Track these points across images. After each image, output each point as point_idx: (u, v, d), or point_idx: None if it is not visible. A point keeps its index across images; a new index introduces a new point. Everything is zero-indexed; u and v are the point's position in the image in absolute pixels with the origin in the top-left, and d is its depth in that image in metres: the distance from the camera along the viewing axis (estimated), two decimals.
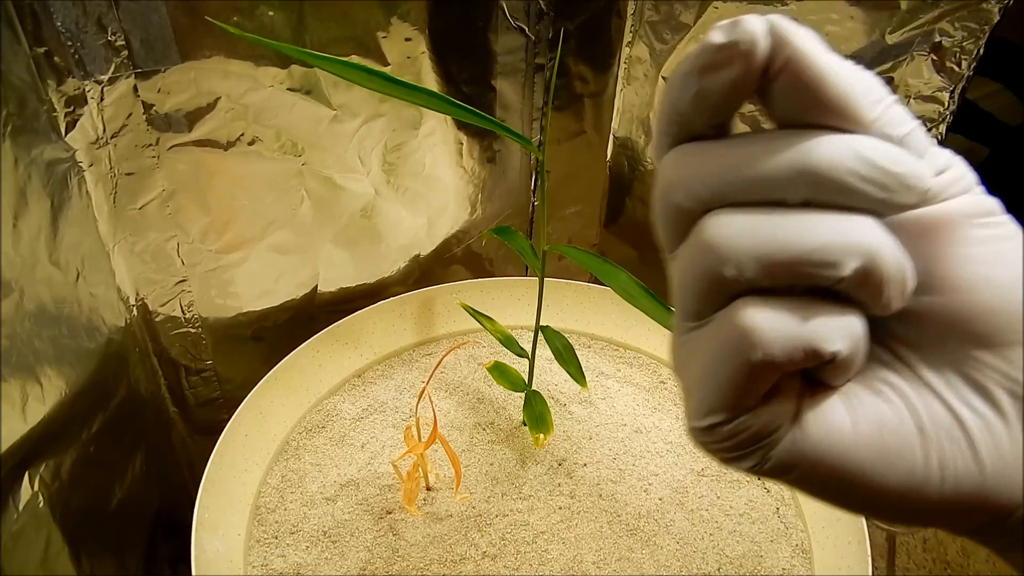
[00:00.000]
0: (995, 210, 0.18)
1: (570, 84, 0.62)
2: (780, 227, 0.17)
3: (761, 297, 0.17)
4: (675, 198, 0.18)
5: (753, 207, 0.17)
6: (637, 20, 0.61)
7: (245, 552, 0.43)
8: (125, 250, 0.48)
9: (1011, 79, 0.99)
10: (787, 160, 0.17)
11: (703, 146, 0.18)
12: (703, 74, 0.17)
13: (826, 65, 0.17)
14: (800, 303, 0.17)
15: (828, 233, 0.16)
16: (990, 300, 0.17)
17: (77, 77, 0.41)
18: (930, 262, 0.18)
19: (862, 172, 0.16)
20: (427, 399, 0.48)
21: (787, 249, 0.16)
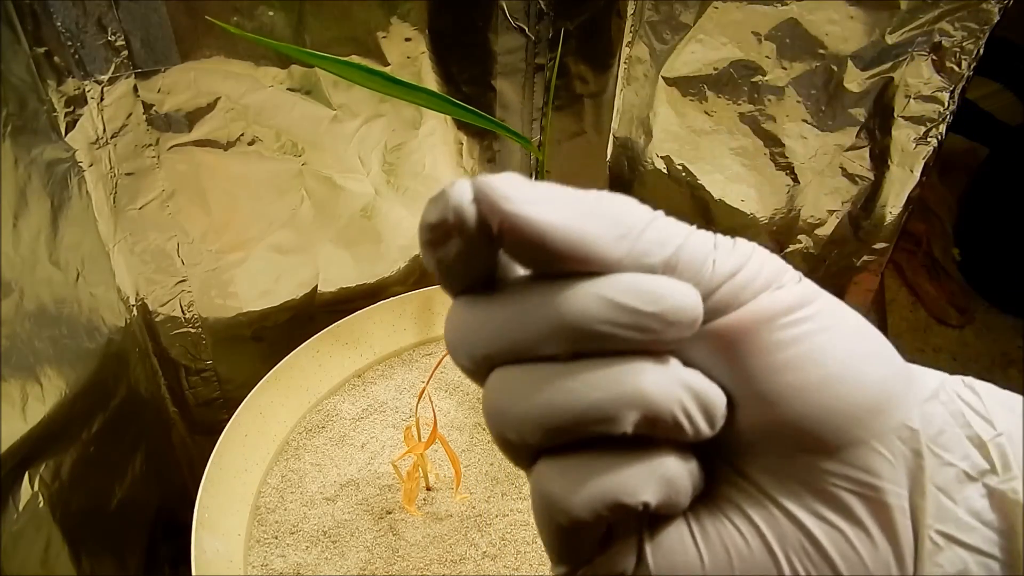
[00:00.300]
0: (800, 302, 0.17)
1: (570, 84, 0.62)
2: (552, 388, 0.16)
3: (557, 458, 0.16)
4: (459, 360, 0.17)
5: (528, 363, 0.16)
6: (637, 20, 0.61)
7: (245, 552, 0.43)
8: (125, 250, 0.48)
9: (1011, 79, 0.99)
10: (541, 318, 0.16)
11: (471, 306, 0.17)
12: (432, 248, 0.16)
13: (546, 218, 0.15)
14: (600, 455, 0.16)
15: (599, 389, 0.16)
16: (806, 409, 0.16)
17: (77, 77, 0.41)
18: (739, 376, 0.16)
19: (614, 319, 0.15)
20: (427, 399, 0.48)
21: (562, 411, 0.16)
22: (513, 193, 0.15)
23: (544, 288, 0.16)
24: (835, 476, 0.16)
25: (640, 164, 0.68)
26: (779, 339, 0.16)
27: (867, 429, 0.16)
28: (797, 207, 0.60)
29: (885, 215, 0.57)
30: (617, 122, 0.68)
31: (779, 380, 0.16)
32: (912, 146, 0.53)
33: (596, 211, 0.16)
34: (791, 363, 0.16)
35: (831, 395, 0.16)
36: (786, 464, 0.17)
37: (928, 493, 0.17)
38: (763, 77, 0.56)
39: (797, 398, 0.16)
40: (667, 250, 0.16)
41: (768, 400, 0.16)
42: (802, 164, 0.57)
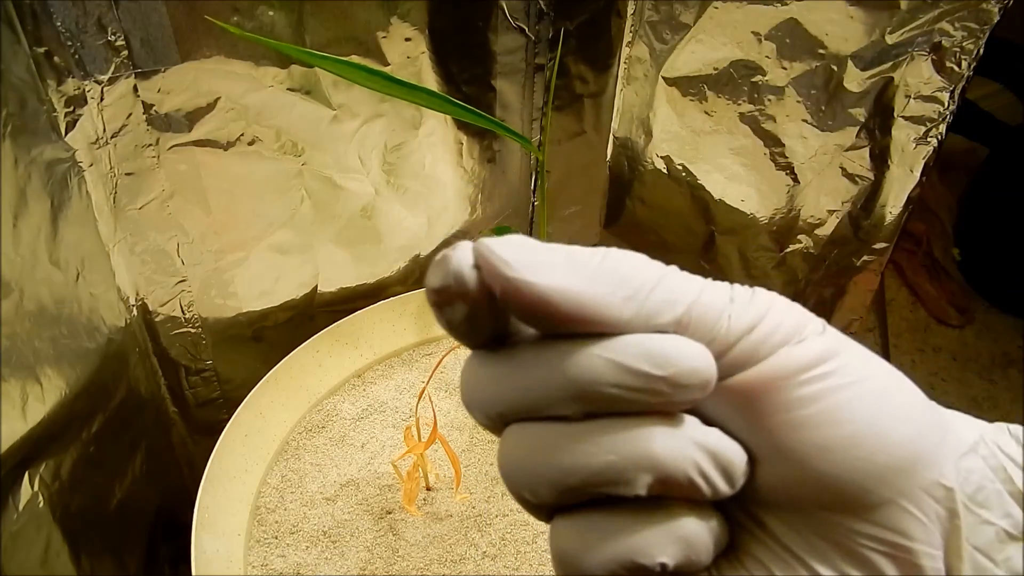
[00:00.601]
0: (823, 356, 0.16)
1: (570, 84, 0.62)
2: (563, 450, 0.16)
3: (573, 517, 0.16)
4: (475, 416, 0.17)
5: (542, 421, 0.16)
6: (637, 20, 0.61)
7: (245, 552, 0.43)
8: (125, 250, 0.48)
9: (1011, 79, 0.99)
10: (552, 381, 0.16)
11: (484, 363, 0.17)
12: (439, 310, 0.16)
13: (548, 283, 0.15)
14: (617, 514, 0.16)
15: (610, 452, 0.15)
16: (831, 468, 0.16)
17: (77, 77, 0.41)
18: (760, 433, 0.16)
19: (624, 382, 0.15)
20: (427, 399, 0.48)
21: (574, 473, 0.16)
22: (514, 258, 0.15)
23: (554, 349, 0.16)
24: (863, 536, 0.16)
25: (640, 164, 0.68)
26: (801, 395, 0.16)
27: (895, 488, 0.16)
28: (797, 207, 0.59)
29: (885, 215, 0.57)
30: (617, 122, 0.68)
31: (802, 438, 0.16)
32: (912, 146, 0.53)
33: (601, 273, 0.16)
34: (814, 420, 0.16)
35: (856, 454, 0.16)
36: (813, 521, 0.16)
37: (965, 554, 0.16)
38: (763, 77, 0.56)
39: (820, 457, 0.16)
40: (678, 309, 0.16)
41: (791, 458, 0.16)
42: (802, 164, 0.57)
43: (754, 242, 0.63)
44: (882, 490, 0.16)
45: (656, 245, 0.71)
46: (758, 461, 0.16)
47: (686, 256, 0.69)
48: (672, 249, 0.70)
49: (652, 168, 0.67)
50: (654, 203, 0.69)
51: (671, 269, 0.16)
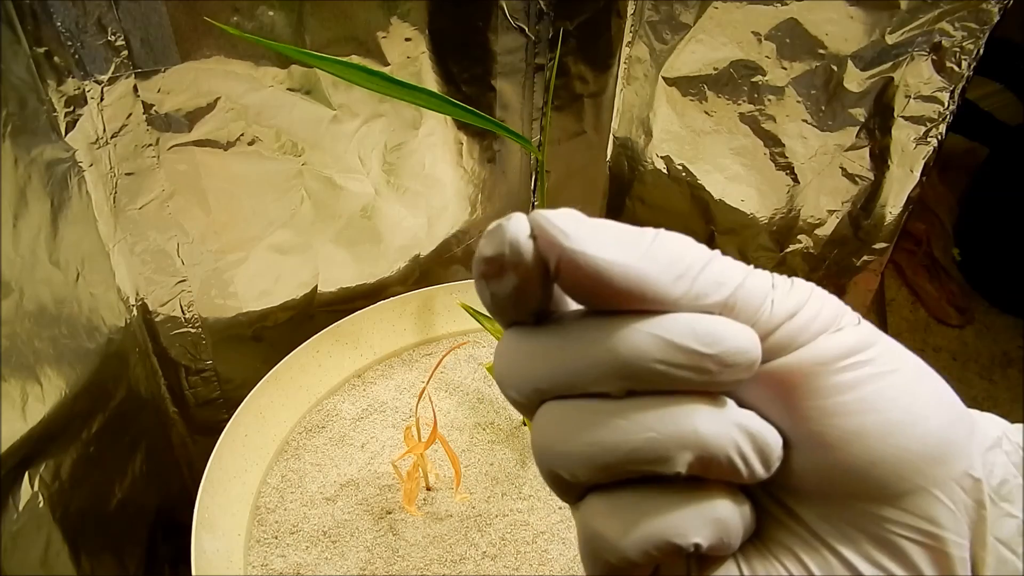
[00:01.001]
0: (860, 345, 0.16)
1: (570, 84, 0.62)
2: (603, 426, 0.16)
3: (607, 495, 0.16)
4: (509, 394, 0.17)
5: (580, 398, 0.16)
6: (637, 20, 0.61)
7: (245, 552, 0.43)
8: (125, 250, 0.48)
9: (1011, 79, 0.99)
10: (596, 356, 0.16)
11: (524, 339, 0.17)
12: (486, 282, 0.16)
13: (605, 257, 0.15)
14: (652, 494, 0.16)
15: (652, 429, 0.15)
16: (866, 455, 0.16)
17: (77, 77, 0.41)
18: (796, 419, 0.16)
19: (671, 359, 0.15)
20: (427, 399, 0.48)
21: (614, 450, 0.16)
22: (573, 230, 0.15)
23: (599, 325, 0.16)
24: (894, 523, 0.16)
25: (640, 164, 0.68)
26: (838, 383, 0.16)
27: (928, 477, 0.16)
28: (797, 207, 0.60)
29: (885, 215, 0.57)
30: (617, 122, 0.68)
31: (838, 425, 0.16)
32: (912, 146, 0.53)
33: (654, 251, 0.16)
34: (850, 408, 0.16)
35: (891, 442, 0.16)
36: (843, 509, 0.16)
37: (989, 545, 0.16)
38: (763, 77, 0.56)
39: (856, 444, 0.16)
40: (725, 291, 0.16)
41: (826, 445, 0.16)
42: (802, 164, 0.57)
43: (754, 242, 0.63)
44: (915, 478, 0.16)
45: None
46: (791, 447, 0.16)
47: None
48: None
49: (652, 168, 0.67)
50: (654, 203, 0.69)
51: (716, 253, 0.17)
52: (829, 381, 0.16)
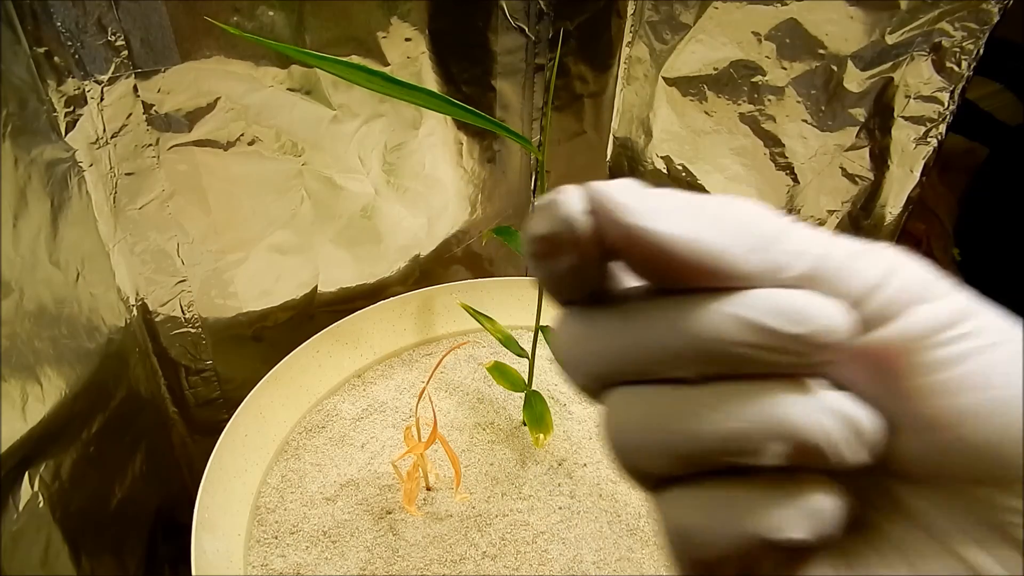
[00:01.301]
0: (962, 315, 0.15)
1: (570, 84, 0.62)
2: (685, 415, 0.14)
3: (693, 488, 0.15)
4: (573, 376, 0.16)
5: (655, 384, 0.15)
6: (637, 20, 0.61)
7: (245, 552, 0.43)
8: (125, 250, 0.48)
9: (1011, 79, 0.99)
10: (670, 338, 0.14)
11: (587, 320, 0.16)
12: (540, 261, 0.15)
13: (671, 231, 0.14)
14: (742, 486, 0.14)
15: (739, 418, 0.14)
16: (982, 435, 0.14)
17: (77, 77, 0.41)
18: (899, 399, 0.15)
19: (754, 341, 0.14)
20: (427, 399, 0.48)
21: (697, 441, 0.14)
22: (634, 204, 0.14)
23: (671, 305, 0.14)
24: (1012, 512, 0.14)
25: (640, 164, 0.68)
26: (943, 357, 0.14)
27: None
28: (797, 207, 0.60)
29: (885, 215, 0.57)
30: (617, 122, 0.68)
31: (948, 403, 0.14)
32: (912, 146, 0.53)
33: (724, 220, 0.14)
34: (960, 384, 0.14)
35: (1011, 419, 0.14)
36: (955, 496, 0.15)
37: None
38: (763, 77, 0.56)
39: (970, 424, 0.14)
40: (806, 261, 0.15)
41: (935, 426, 0.14)
42: (802, 164, 0.57)
43: None
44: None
45: None
46: (897, 431, 0.15)
47: None
48: None
49: (652, 168, 0.67)
50: None
51: (793, 219, 0.15)
52: (930, 356, 0.14)
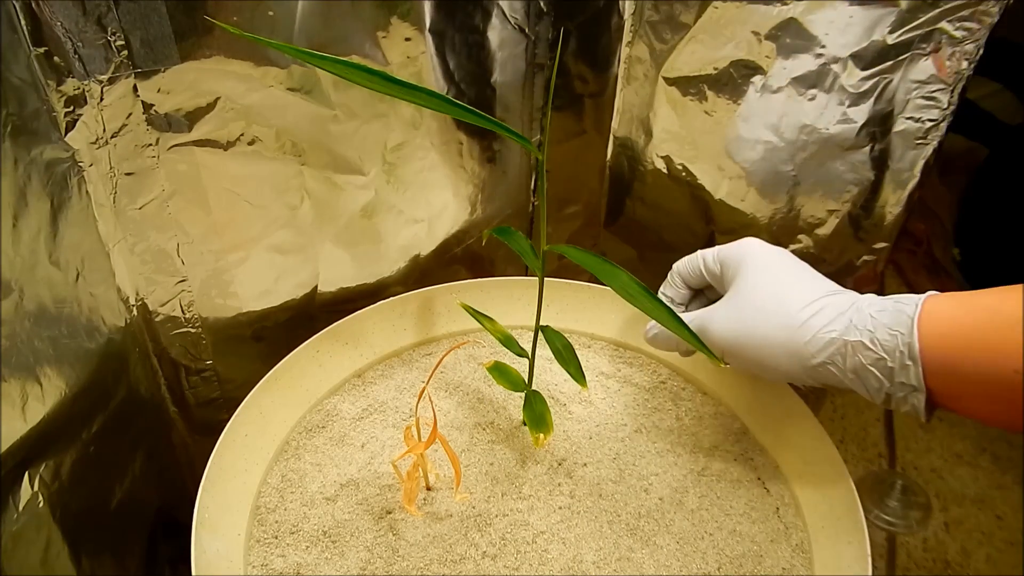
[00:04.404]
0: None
1: (570, 84, 0.62)
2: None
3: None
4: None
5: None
6: (637, 20, 0.61)
7: (245, 552, 0.43)
8: (125, 250, 0.48)
9: (1011, 79, 0.99)
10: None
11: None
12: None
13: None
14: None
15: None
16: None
17: (77, 77, 0.41)
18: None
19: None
20: (427, 399, 0.48)
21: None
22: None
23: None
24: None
25: (640, 164, 0.68)
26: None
27: None
28: (797, 207, 0.60)
29: (885, 215, 0.57)
30: (617, 122, 0.68)
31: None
32: (912, 146, 0.53)
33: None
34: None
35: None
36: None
37: None
38: (763, 77, 0.56)
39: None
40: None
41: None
42: (802, 164, 0.57)
43: None
44: None
45: (656, 245, 0.71)
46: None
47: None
48: (672, 249, 0.70)
49: (652, 168, 0.67)
50: (654, 203, 0.69)
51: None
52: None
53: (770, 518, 0.46)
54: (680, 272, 0.48)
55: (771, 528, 0.45)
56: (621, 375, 0.56)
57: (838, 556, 0.43)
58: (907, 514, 0.82)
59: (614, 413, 0.52)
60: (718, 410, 0.53)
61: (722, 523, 0.45)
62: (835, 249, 0.60)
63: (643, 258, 0.74)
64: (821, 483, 0.46)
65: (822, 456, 0.46)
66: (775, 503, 0.47)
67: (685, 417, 0.52)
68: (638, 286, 0.39)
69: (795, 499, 0.47)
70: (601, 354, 0.58)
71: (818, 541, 0.44)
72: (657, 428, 0.51)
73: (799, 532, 0.45)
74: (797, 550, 0.44)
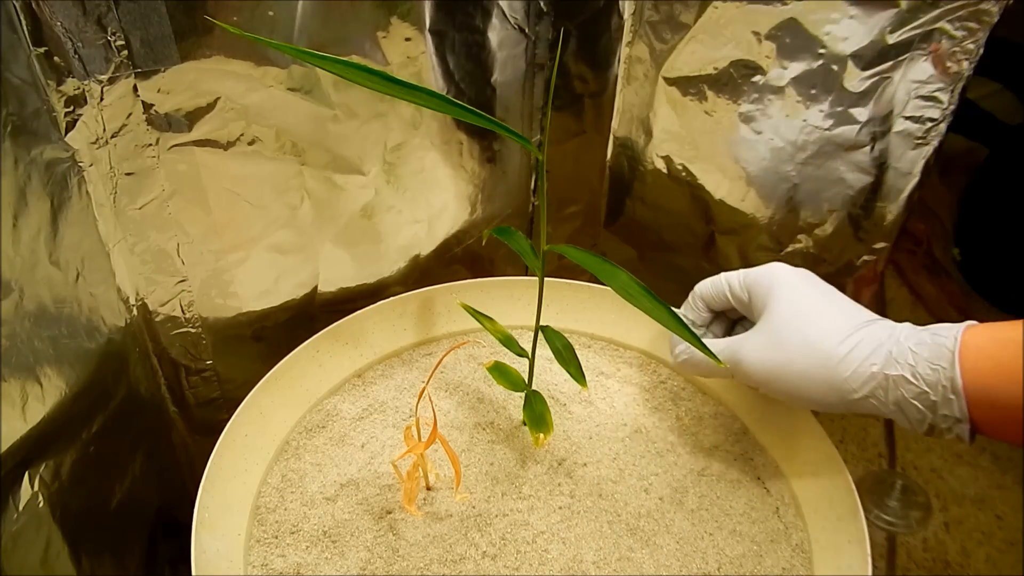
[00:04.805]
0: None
1: (570, 84, 0.62)
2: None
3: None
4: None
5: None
6: (637, 20, 0.61)
7: (245, 552, 0.43)
8: (125, 250, 0.48)
9: (1011, 79, 0.99)
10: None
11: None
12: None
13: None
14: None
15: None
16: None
17: (77, 77, 0.41)
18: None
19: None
20: (427, 399, 0.48)
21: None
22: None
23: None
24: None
25: (640, 164, 0.68)
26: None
27: None
28: (797, 207, 0.60)
29: (885, 215, 0.57)
30: (617, 122, 0.68)
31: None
32: (912, 146, 0.53)
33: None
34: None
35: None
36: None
37: None
38: (763, 77, 0.56)
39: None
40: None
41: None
42: (802, 164, 0.57)
43: (754, 242, 0.63)
44: None
45: (656, 245, 0.71)
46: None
47: (686, 256, 0.69)
48: (672, 249, 0.70)
49: (652, 168, 0.67)
50: (654, 203, 0.69)
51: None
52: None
53: (770, 518, 0.46)
54: (703, 295, 0.48)
55: (771, 528, 0.45)
56: (621, 375, 0.56)
57: (838, 556, 0.43)
58: (907, 514, 0.82)
59: (614, 413, 0.52)
60: (718, 410, 0.53)
61: (722, 523, 0.45)
62: (835, 249, 0.60)
63: (643, 258, 0.74)
64: (821, 483, 0.46)
65: (822, 456, 0.46)
66: (775, 503, 0.47)
67: (685, 417, 0.52)
68: (638, 286, 0.39)
69: (795, 499, 0.47)
70: (601, 354, 0.58)
71: (818, 541, 0.44)
72: (657, 428, 0.51)
73: (799, 532, 0.45)
74: (797, 550, 0.44)
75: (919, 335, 0.38)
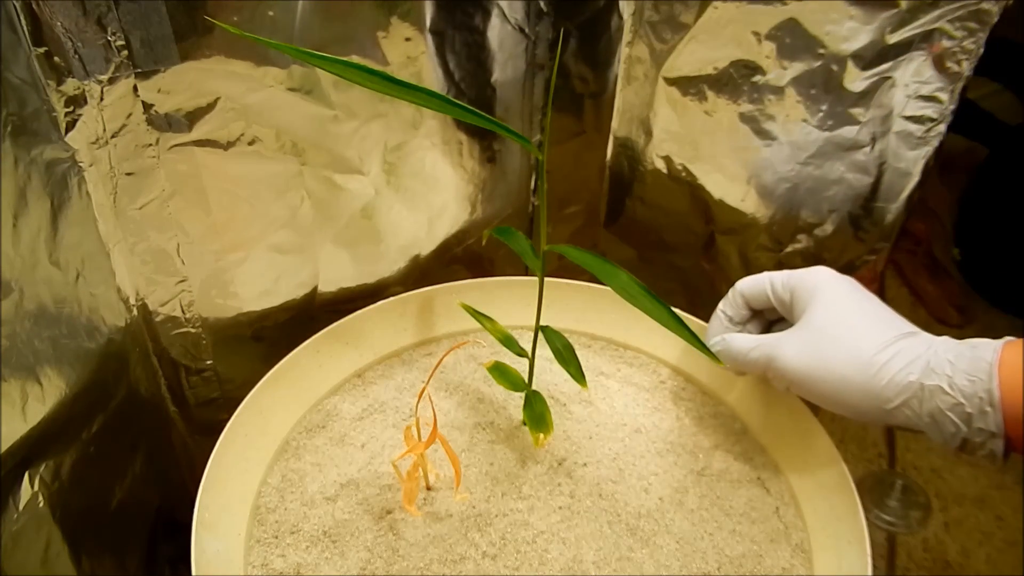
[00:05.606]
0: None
1: (570, 84, 0.62)
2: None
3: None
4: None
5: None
6: (637, 20, 0.61)
7: (245, 552, 0.43)
8: (125, 250, 0.48)
9: (1011, 79, 0.99)
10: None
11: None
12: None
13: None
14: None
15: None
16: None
17: (77, 77, 0.41)
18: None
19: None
20: (427, 399, 0.48)
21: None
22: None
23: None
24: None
25: (640, 164, 0.68)
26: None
27: None
28: (797, 207, 0.60)
29: (885, 215, 0.57)
30: (617, 122, 0.68)
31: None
32: (912, 146, 0.53)
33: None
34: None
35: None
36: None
37: None
38: (763, 77, 0.56)
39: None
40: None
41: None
42: (802, 164, 0.57)
43: (754, 242, 0.63)
44: None
45: (656, 245, 0.71)
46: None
47: (686, 256, 0.69)
48: (672, 249, 0.70)
49: (652, 168, 0.67)
50: (654, 203, 0.69)
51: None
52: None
53: (770, 518, 0.46)
54: (744, 293, 0.47)
55: (771, 528, 0.45)
56: (621, 375, 0.56)
57: (838, 556, 0.43)
58: (907, 514, 0.82)
59: (614, 413, 0.52)
60: (718, 410, 0.53)
61: (722, 523, 0.45)
62: (835, 249, 0.60)
63: (643, 258, 0.74)
64: (821, 483, 0.46)
65: (822, 456, 0.46)
66: (775, 503, 0.47)
67: (685, 417, 0.52)
68: (638, 286, 0.39)
69: (795, 499, 0.47)
70: (601, 354, 0.58)
71: (818, 541, 0.44)
72: (657, 428, 0.51)
73: (799, 532, 0.45)
74: (797, 550, 0.44)
75: (958, 348, 0.38)
